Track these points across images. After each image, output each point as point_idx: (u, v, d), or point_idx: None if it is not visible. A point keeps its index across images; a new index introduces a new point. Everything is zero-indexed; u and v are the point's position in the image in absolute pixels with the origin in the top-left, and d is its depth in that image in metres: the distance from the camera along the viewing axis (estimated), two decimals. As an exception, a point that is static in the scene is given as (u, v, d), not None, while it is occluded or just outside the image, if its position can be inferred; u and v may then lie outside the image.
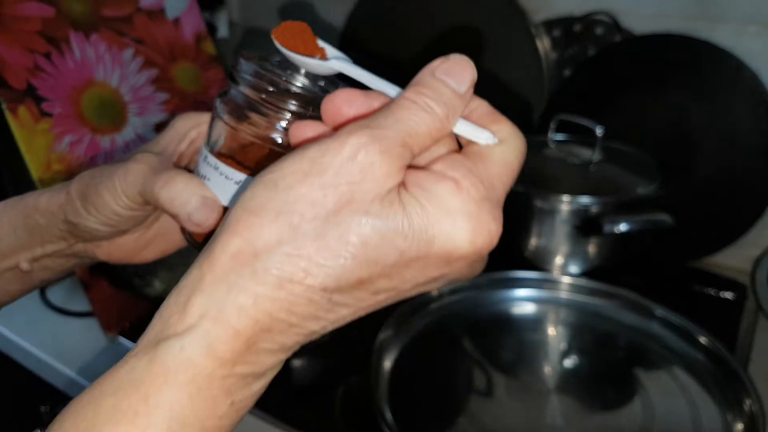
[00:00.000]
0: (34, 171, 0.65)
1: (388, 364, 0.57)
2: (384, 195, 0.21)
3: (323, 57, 0.28)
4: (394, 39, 0.95)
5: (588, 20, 0.81)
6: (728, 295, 0.75)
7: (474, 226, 0.21)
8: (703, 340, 0.58)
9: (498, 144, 0.23)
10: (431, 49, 0.92)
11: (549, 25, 0.84)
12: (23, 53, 0.66)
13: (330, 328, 0.23)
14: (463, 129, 0.23)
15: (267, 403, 0.57)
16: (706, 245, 0.79)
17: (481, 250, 0.22)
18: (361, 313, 0.23)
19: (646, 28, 0.78)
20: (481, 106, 0.25)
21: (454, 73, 0.23)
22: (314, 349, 0.65)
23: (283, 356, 0.23)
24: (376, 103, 0.24)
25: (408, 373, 0.57)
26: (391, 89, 0.25)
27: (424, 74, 0.23)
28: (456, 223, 0.21)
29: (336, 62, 0.27)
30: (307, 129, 0.25)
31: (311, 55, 0.28)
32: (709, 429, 0.51)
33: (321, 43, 0.28)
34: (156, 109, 0.78)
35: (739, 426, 0.51)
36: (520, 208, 0.71)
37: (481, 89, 0.25)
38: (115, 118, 0.73)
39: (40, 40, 0.68)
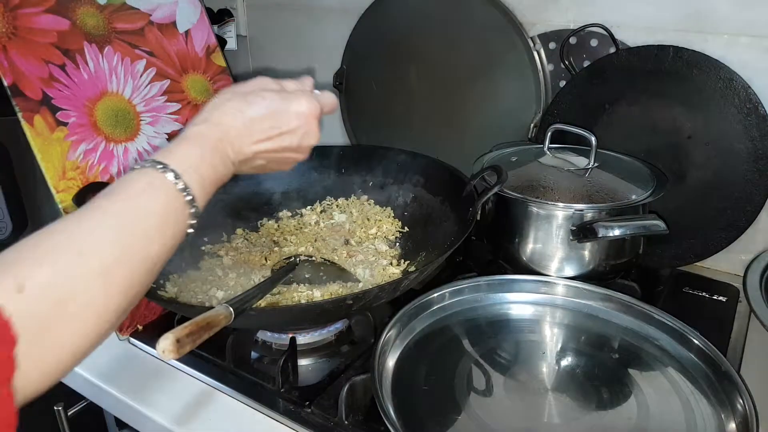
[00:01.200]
0: (50, 179, 0.67)
1: (391, 363, 0.58)
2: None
3: None
4: (394, 52, 0.97)
5: (583, 33, 0.83)
6: (721, 298, 0.76)
7: (308, 102, 0.50)
8: (696, 341, 0.59)
9: (322, 93, 0.53)
10: (431, 63, 0.94)
11: (545, 37, 0.86)
12: (39, 64, 0.68)
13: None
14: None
15: (274, 401, 0.59)
16: (699, 250, 0.80)
17: (312, 112, 0.50)
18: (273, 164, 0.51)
19: (639, 40, 0.80)
20: (317, 89, 0.54)
21: (307, 80, 0.54)
22: (321, 349, 0.67)
23: (228, 161, 0.47)
24: None
25: (410, 373, 0.58)
26: None
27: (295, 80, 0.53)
28: (302, 99, 0.50)
29: None
30: None
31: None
32: (702, 428, 0.52)
33: None
34: (168, 119, 0.80)
35: (732, 425, 0.51)
36: (517, 215, 0.73)
37: (480, 100, 0.28)
38: (128, 127, 0.75)
39: (56, 52, 0.70)
